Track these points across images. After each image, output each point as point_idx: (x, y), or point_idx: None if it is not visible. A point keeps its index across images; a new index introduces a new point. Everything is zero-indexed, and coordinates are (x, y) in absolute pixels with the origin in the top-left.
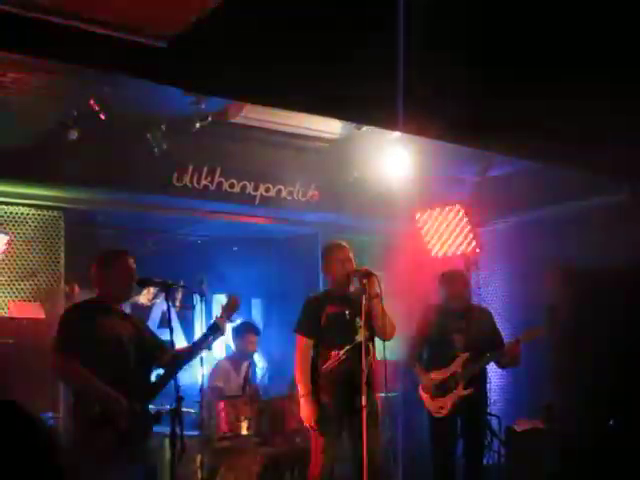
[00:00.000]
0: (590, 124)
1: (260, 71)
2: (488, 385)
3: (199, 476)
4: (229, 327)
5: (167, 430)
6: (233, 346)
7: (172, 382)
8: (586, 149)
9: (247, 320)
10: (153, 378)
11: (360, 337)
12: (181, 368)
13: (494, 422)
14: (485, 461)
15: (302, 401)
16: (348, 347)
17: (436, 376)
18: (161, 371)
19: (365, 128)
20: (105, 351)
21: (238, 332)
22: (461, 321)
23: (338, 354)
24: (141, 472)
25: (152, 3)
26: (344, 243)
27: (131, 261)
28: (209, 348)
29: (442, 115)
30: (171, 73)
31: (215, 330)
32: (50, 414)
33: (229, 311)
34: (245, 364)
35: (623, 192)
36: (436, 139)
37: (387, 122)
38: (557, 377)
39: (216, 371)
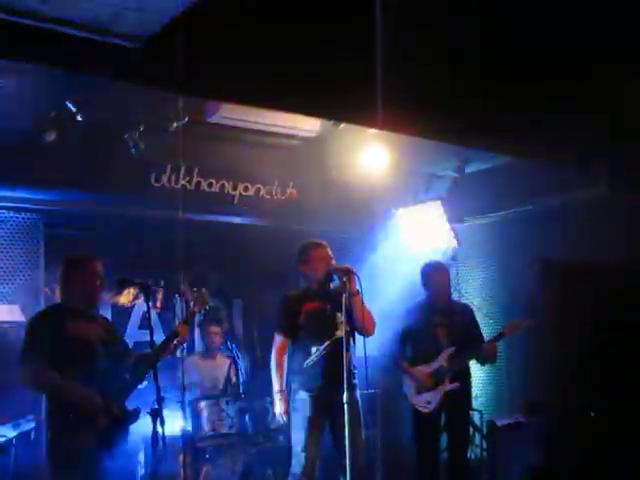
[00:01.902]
0: (568, 120)
1: (237, 71)
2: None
3: (182, 475)
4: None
5: (149, 430)
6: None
7: (153, 382)
8: (565, 144)
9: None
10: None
11: (341, 332)
12: (145, 373)
13: (476, 417)
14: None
15: (276, 397)
16: (328, 342)
17: (422, 371)
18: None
19: (343, 125)
20: (74, 354)
21: (200, 325)
22: (444, 316)
23: (318, 350)
24: (122, 471)
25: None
26: (323, 242)
27: (99, 265)
28: (172, 354)
29: (420, 112)
30: (147, 74)
31: (174, 336)
32: (31, 417)
33: (199, 305)
34: (222, 357)
35: (601, 187)
36: (414, 135)
37: (365, 119)
38: (538, 371)
39: (187, 366)
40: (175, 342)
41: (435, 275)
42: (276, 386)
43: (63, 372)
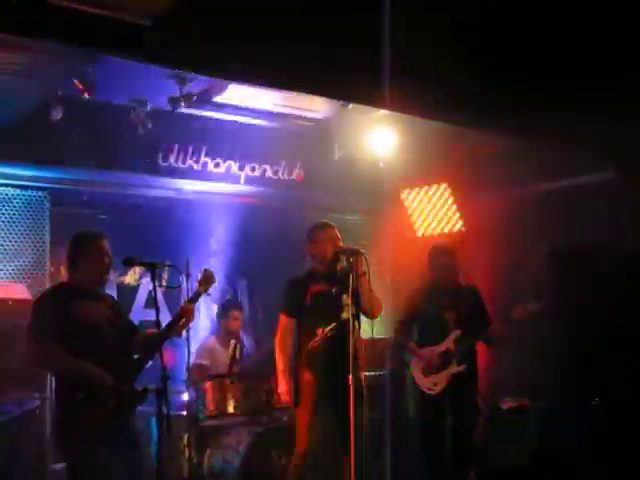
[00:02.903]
0: (576, 103)
1: (245, 49)
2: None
3: (186, 455)
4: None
5: (153, 410)
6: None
7: (158, 361)
8: (572, 128)
9: (231, 297)
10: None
11: (346, 315)
12: (153, 352)
13: (480, 400)
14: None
15: (279, 376)
16: (334, 324)
17: (429, 353)
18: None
19: (351, 106)
20: (81, 334)
21: (222, 309)
22: (452, 298)
23: (324, 331)
24: (128, 450)
25: None
26: (331, 222)
27: (105, 244)
28: (179, 334)
29: (428, 93)
30: (156, 52)
31: (181, 317)
32: (36, 395)
33: (205, 285)
34: (232, 342)
35: (608, 171)
36: (421, 117)
37: (373, 99)
38: (543, 355)
39: (201, 349)
40: (182, 322)
41: (443, 257)
42: (280, 366)
43: (70, 352)
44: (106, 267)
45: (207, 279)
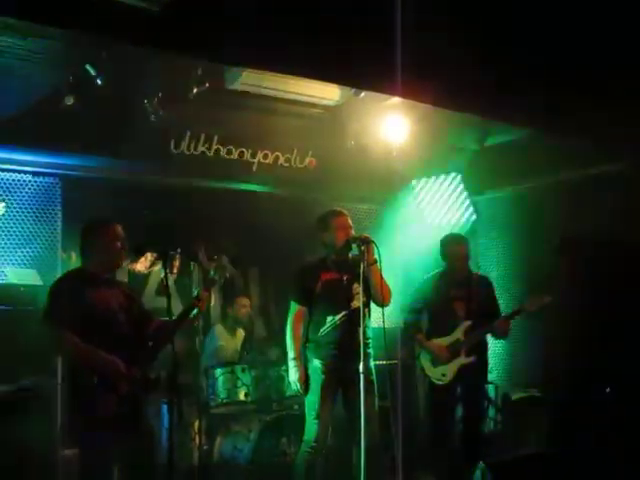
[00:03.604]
0: (590, 92)
1: (258, 36)
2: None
3: (196, 442)
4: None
5: (165, 397)
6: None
7: (170, 349)
8: (585, 118)
9: (239, 285)
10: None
11: (357, 303)
12: (167, 340)
13: (491, 390)
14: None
15: (291, 365)
16: (344, 312)
17: (438, 344)
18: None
19: (363, 94)
20: (96, 321)
21: (229, 297)
22: (462, 289)
23: (334, 319)
24: (140, 437)
25: None
26: (344, 210)
27: (119, 229)
28: (192, 323)
29: (440, 80)
30: (167, 39)
31: (194, 306)
32: (48, 380)
33: (219, 273)
34: (240, 330)
35: (622, 162)
36: (433, 105)
37: (385, 87)
38: (554, 345)
39: (210, 336)
40: (195, 311)
41: (454, 247)
42: (291, 354)
43: (84, 338)
44: (119, 253)
45: (221, 268)
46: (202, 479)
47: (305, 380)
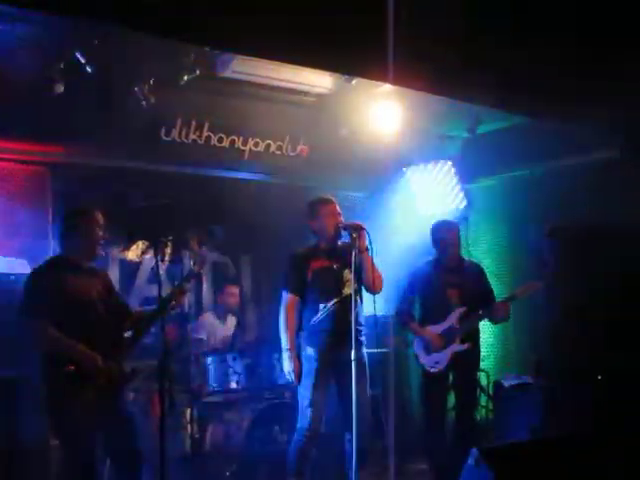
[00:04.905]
0: (583, 78)
1: (249, 22)
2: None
3: (188, 431)
4: None
5: (155, 385)
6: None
7: (161, 337)
8: (577, 104)
9: (228, 272)
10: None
11: (348, 290)
12: (146, 331)
13: (483, 377)
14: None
15: (285, 355)
16: (336, 300)
17: (432, 331)
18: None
19: (355, 81)
20: (74, 310)
21: (218, 285)
22: (455, 275)
23: (326, 307)
24: (120, 427)
25: None
26: (331, 197)
27: (99, 216)
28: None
29: (432, 67)
30: (159, 24)
31: (172, 298)
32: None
33: (198, 265)
34: (232, 318)
35: (615, 150)
36: (426, 91)
37: (376, 74)
38: (546, 333)
39: (199, 324)
40: (172, 303)
41: (445, 233)
42: (285, 344)
43: (62, 327)
44: (99, 240)
45: (200, 259)
46: (194, 468)
47: (299, 371)
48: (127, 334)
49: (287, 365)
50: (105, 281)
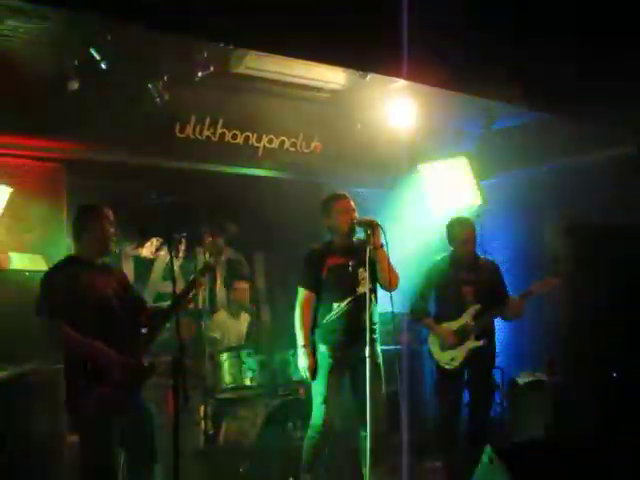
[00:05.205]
0: (598, 75)
1: (262, 18)
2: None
3: (202, 427)
4: None
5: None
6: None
7: (175, 333)
8: (593, 101)
9: (239, 269)
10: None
11: (363, 288)
12: (161, 327)
13: (497, 374)
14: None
15: (300, 352)
16: (350, 299)
17: (447, 328)
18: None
19: (369, 78)
20: (90, 308)
21: (228, 281)
22: (470, 273)
23: (340, 306)
24: (139, 423)
25: None
26: (345, 193)
27: (109, 213)
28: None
29: (446, 63)
30: (172, 21)
31: (189, 291)
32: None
33: (215, 256)
34: (245, 315)
35: (631, 146)
36: (440, 87)
37: (391, 70)
38: (560, 330)
39: (213, 323)
40: (190, 295)
41: (461, 230)
42: (300, 341)
43: (77, 325)
44: (108, 237)
45: (217, 250)
46: (208, 463)
47: (313, 368)
48: (144, 330)
49: (302, 361)
50: (120, 277)
